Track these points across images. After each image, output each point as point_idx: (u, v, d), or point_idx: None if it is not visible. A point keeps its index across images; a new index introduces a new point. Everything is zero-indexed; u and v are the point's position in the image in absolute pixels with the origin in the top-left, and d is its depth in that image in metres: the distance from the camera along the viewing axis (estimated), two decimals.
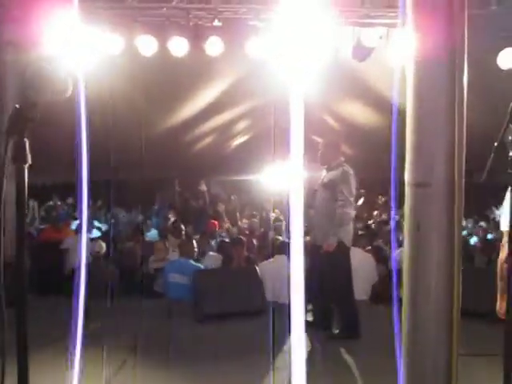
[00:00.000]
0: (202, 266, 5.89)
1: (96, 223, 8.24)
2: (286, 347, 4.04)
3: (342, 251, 4.21)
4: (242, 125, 12.04)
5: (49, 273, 5.98)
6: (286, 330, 4.14)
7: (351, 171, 4.36)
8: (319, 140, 4.66)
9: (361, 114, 9.44)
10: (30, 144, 1.62)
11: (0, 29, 5.75)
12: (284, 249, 5.33)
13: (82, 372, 3.12)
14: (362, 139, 10.17)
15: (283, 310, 4.15)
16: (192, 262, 5.79)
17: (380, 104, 7.47)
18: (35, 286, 5.78)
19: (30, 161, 1.55)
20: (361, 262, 5.39)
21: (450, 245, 2.23)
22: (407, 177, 2.35)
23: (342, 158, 4.43)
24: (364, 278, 5.39)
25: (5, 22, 5.75)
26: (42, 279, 5.83)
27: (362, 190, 11.84)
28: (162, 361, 3.90)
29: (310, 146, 4.32)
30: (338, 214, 4.13)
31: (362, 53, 5.89)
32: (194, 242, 6.34)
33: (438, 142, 2.25)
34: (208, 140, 11.87)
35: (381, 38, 5.65)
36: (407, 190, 2.34)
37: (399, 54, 4.51)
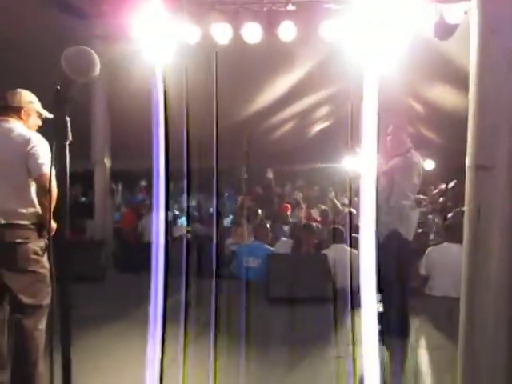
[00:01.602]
0: (274, 250, 5.95)
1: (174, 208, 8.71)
2: (349, 336, 3.96)
3: (396, 241, 3.87)
4: (322, 111, 11.85)
5: (131, 252, 6.42)
6: (349, 318, 4.08)
7: (416, 158, 4.04)
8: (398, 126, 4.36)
9: (447, 96, 8.83)
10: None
11: (90, 23, 6.16)
12: (343, 238, 5.20)
13: (161, 342, 3.33)
14: (449, 124, 9.53)
15: (346, 299, 4.08)
16: (265, 245, 5.88)
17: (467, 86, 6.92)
18: (118, 264, 6.26)
19: (70, 138, 1.61)
20: (455, 257, 4.97)
21: None
22: (467, 160, 2.16)
23: (410, 144, 4.14)
24: (456, 274, 4.92)
25: (94, 16, 6.16)
26: (124, 258, 6.28)
27: (454, 181, 11.02)
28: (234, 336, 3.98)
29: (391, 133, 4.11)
30: (392, 204, 3.87)
31: (445, 30, 5.50)
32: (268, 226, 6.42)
33: (502, 117, 2.02)
34: (287, 127, 11.85)
35: (466, 13, 5.22)
36: (467, 174, 2.15)
37: None
